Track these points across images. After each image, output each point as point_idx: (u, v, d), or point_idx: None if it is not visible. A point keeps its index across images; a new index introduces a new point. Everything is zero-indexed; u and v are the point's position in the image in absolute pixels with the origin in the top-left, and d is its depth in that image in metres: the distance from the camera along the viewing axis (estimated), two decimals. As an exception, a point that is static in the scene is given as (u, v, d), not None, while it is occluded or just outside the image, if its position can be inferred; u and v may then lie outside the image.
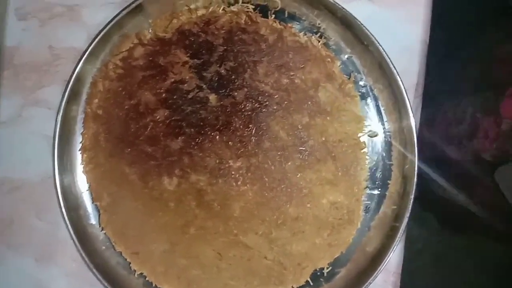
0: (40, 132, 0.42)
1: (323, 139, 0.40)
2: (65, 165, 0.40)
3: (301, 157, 0.40)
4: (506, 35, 0.59)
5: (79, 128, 0.41)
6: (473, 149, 0.52)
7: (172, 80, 0.40)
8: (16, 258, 0.42)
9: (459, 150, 0.57)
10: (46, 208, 0.42)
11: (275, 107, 0.40)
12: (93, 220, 0.41)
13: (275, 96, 0.40)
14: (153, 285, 0.41)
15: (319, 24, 0.41)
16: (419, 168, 0.39)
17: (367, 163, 0.41)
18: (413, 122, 0.40)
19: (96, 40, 0.39)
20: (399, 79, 0.39)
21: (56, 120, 0.39)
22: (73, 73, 0.39)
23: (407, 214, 0.39)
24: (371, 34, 0.39)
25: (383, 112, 0.42)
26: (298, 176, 0.40)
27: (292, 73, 0.40)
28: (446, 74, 0.64)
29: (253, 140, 0.40)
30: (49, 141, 0.40)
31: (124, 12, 0.39)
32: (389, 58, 0.39)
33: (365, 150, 0.41)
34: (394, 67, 0.39)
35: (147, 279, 0.41)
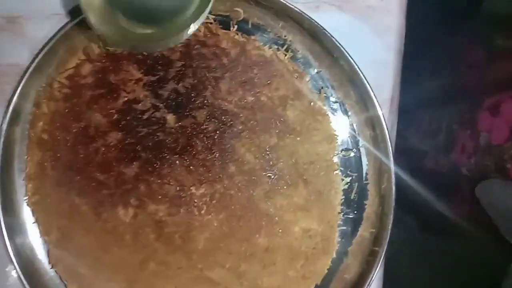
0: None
1: (293, 161, 0.38)
2: (8, 196, 0.36)
3: (270, 181, 0.38)
4: (474, 40, 0.58)
5: (22, 155, 0.37)
6: (451, 163, 0.51)
7: (125, 99, 0.37)
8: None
9: (437, 163, 0.55)
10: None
11: (240, 127, 0.38)
12: (41, 256, 0.37)
13: (240, 115, 0.38)
14: (110, 328, 0.37)
15: (285, 36, 0.39)
16: (397, 178, 0.38)
17: (341, 185, 0.39)
18: (388, 137, 0.38)
19: (40, 55, 0.36)
20: (372, 93, 0.37)
21: (-3, 146, 0.35)
22: (14, 92, 0.36)
23: (387, 237, 0.38)
24: (341, 45, 0.37)
25: (356, 129, 0.40)
26: (267, 202, 0.38)
27: (257, 90, 0.38)
28: (421, 85, 0.63)
29: (217, 164, 0.37)
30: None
31: (70, 24, 0.36)
32: (361, 71, 0.37)
33: (338, 171, 0.39)
34: (367, 80, 0.37)
35: (103, 321, 0.37)
